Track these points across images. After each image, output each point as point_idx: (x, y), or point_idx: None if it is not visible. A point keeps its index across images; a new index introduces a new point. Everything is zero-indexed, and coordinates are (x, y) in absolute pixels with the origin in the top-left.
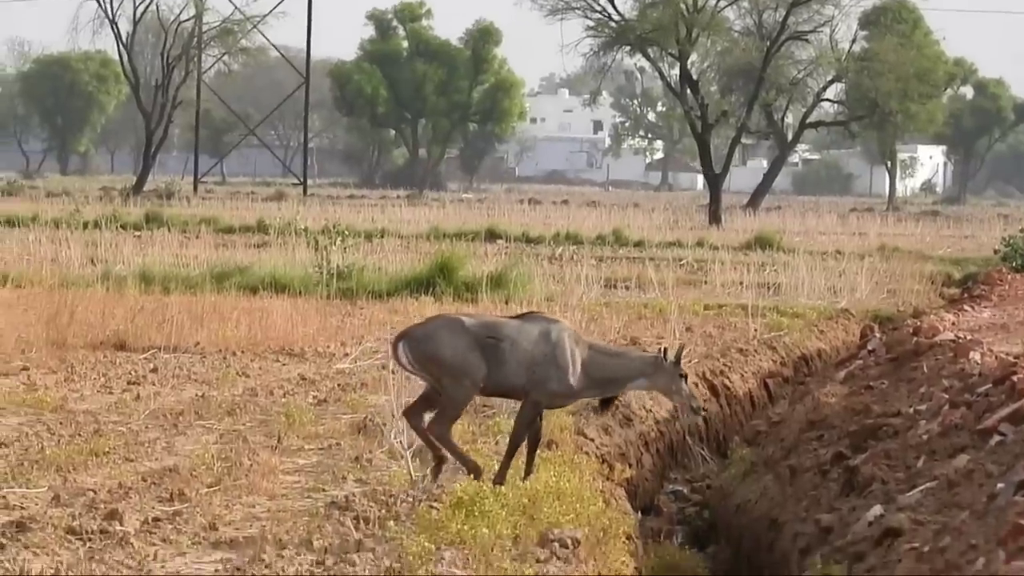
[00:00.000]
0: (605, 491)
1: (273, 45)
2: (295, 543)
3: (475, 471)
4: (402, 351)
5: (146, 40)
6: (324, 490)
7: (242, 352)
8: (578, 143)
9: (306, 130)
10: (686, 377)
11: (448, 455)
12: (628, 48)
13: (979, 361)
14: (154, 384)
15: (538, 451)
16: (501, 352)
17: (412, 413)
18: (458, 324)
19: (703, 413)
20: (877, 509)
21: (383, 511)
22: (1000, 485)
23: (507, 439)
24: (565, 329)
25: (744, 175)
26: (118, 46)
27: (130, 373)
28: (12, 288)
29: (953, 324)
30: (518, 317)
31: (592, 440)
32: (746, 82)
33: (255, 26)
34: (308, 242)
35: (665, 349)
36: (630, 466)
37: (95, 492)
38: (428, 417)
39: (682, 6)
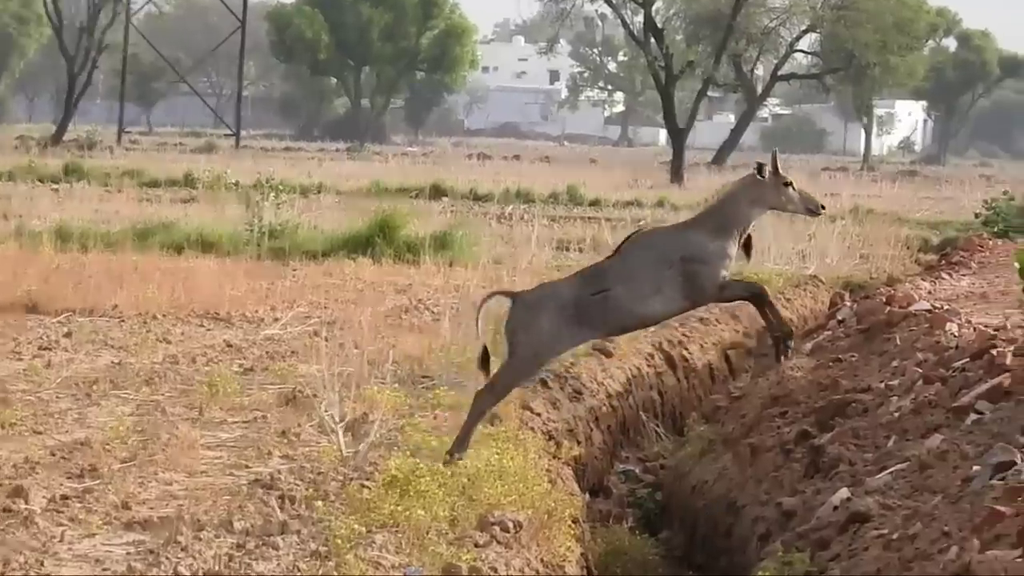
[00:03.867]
0: (551, 470)
1: None
2: (214, 524)
3: (460, 449)
4: (483, 312)
5: None
6: (247, 467)
7: (164, 316)
8: (533, 94)
9: (240, 77)
10: (791, 184)
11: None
12: None
13: (956, 333)
14: (67, 350)
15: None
16: (615, 299)
17: None
18: (565, 292)
19: (821, 211)
20: (843, 492)
21: (310, 490)
22: (976, 468)
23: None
24: (664, 231)
25: (710, 130)
26: None
27: (42, 338)
28: None
29: (929, 293)
30: (617, 252)
31: (538, 415)
32: (714, 31)
33: None
34: (239, 198)
35: (760, 165)
36: (578, 443)
37: None
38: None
39: None
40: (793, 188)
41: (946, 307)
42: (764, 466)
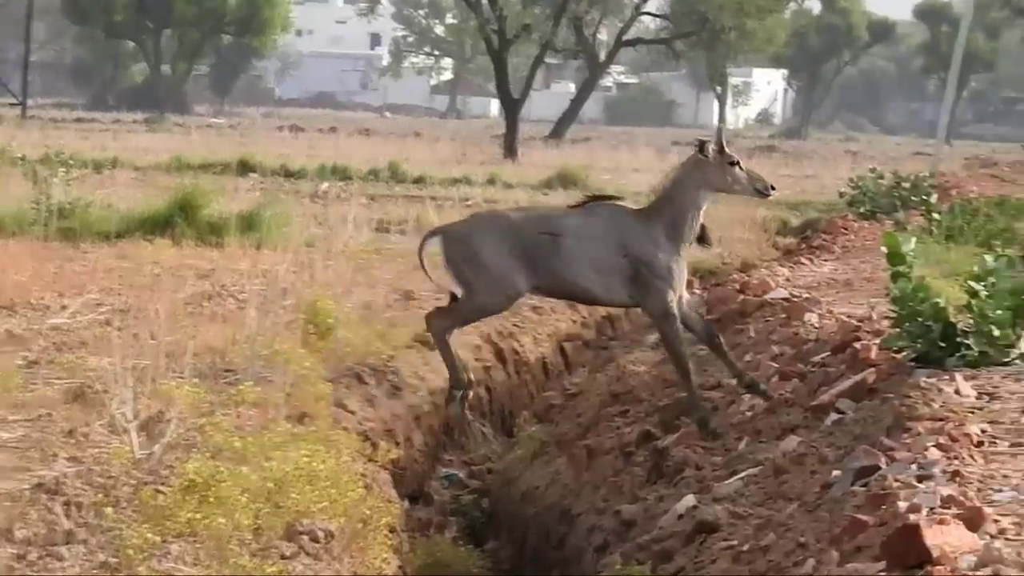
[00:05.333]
0: (366, 475)
1: None
2: None
3: (459, 385)
4: (434, 248)
5: None
6: (30, 470)
7: None
8: (351, 61)
9: (28, 41)
10: (738, 163)
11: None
12: None
13: (816, 324)
14: None
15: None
16: (563, 248)
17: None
18: (504, 222)
19: (772, 193)
20: (689, 500)
21: (99, 495)
22: (836, 473)
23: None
24: (627, 215)
25: (547, 101)
26: None
27: None
28: None
29: (787, 280)
30: (579, 206)
31: (353, 413)
32: None
33: None
34: (24, 173)
35: (702, 142)
36: (397, 445)
37: None
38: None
39: None
40: (740, 167)
41: (806, 295)
42: (602, 470)
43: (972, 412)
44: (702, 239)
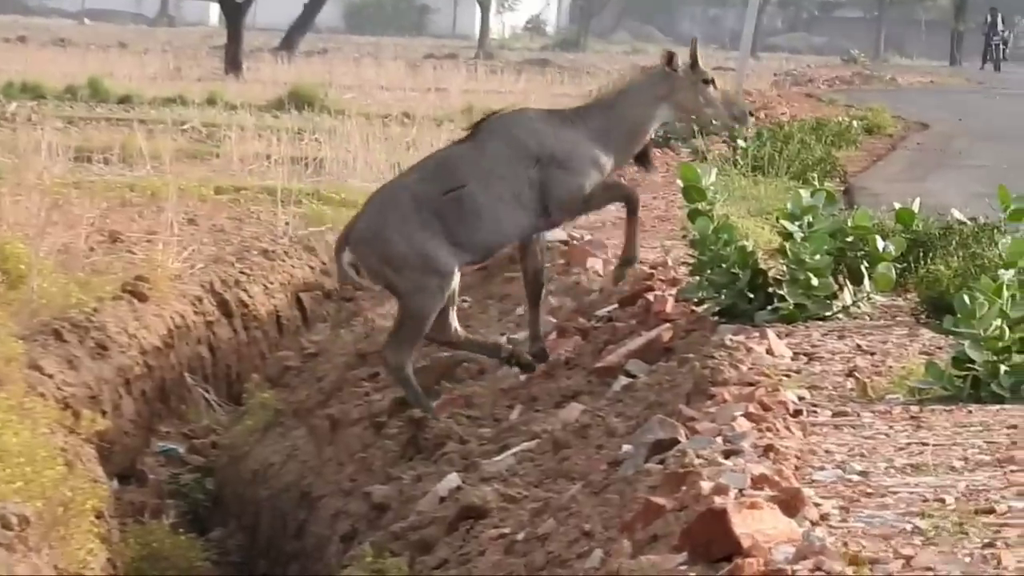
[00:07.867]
0: (68, 450)
1: None
2: None
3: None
4: (347, 262)
5: None
6: None
7: None
8: None
9: None
10: (712, 81)
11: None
12: None
13: (601, 272)
14: None
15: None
16: (472, 200)
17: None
18: (400, 193)
19: (749, 119)
20: (452, 479)
21: None
22: (626, 447)
23: None
24: (533, 116)
25: (276, 6)
26: None
27: None
28: None
29: None
30: (469, 138)
31: (51, 377)
32: None
33: None
34: None
35: (671, 54)
36: (104, 414)
37: None
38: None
39: None
40: (715, 87)
41: (587, 237)
42: (348, 444)
43: (787, 375)
44: (642, 159)
